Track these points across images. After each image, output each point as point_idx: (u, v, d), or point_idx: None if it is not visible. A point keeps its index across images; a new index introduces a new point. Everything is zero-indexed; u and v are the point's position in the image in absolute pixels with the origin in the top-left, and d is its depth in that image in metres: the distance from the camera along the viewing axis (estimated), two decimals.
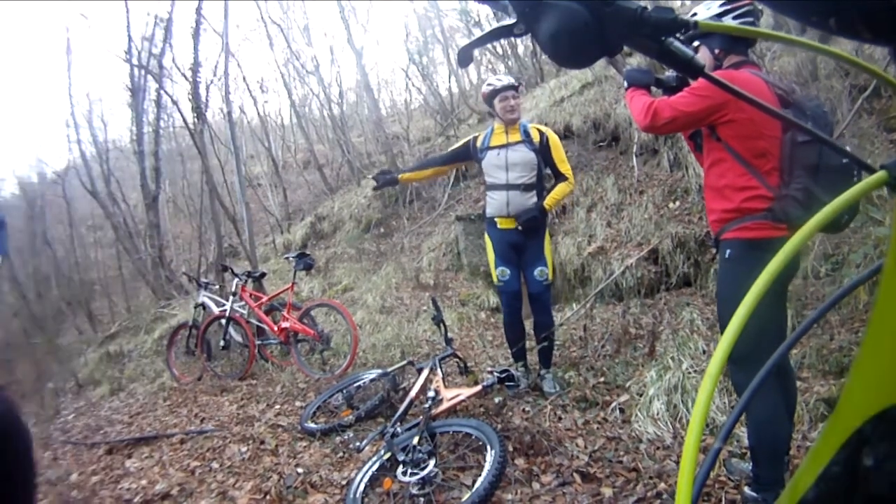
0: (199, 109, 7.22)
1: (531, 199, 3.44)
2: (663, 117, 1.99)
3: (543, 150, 3.46)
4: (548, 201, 3.42)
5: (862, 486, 0.38)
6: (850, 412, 0.42)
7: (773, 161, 1.88)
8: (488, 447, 2.48)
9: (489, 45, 13.91)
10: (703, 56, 2.06)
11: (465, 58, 0.82)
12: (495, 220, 3.52)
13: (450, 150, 3.87)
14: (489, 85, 3.52)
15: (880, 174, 0.57)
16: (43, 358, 8.83)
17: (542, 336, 3.56)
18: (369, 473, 2.63)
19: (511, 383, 3.05)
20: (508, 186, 3.43)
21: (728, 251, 1.96)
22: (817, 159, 1.78)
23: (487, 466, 2.37)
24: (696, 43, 2.05)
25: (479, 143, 3.60)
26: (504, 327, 3.81)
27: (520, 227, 3.43)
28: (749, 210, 1.90)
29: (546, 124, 7.99)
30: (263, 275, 6.23)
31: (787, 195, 1.81)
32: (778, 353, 0.64)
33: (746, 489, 2.02)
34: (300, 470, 2.99)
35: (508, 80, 3.48)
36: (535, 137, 3.46)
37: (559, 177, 3.49)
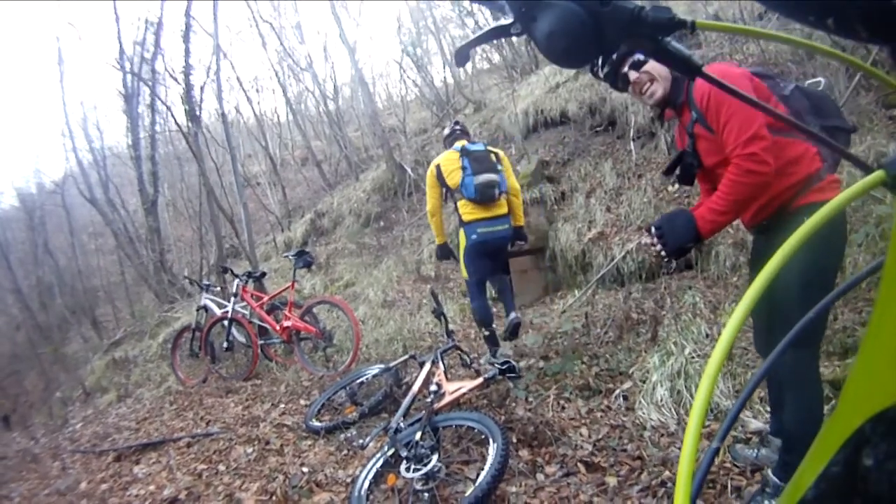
0: (192, 113, 7.19)
1: None
2: (763, 144, 1.68)
3: None
4: None
5: (862, 486, 0.38)
6: (850, 412, 0.42)
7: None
8: (491, 440, 2.47)
9: None
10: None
11: (461, 57, 0.82)
12: None
13: None
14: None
15: (878, 173, 0.56)
16: (49, 368, 8.90)
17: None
18: (373, 470, 2.63)
19: (513, 374, 3.04)
20: None
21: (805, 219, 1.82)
22: (805, 99, 1.77)
23: (490, 459, 2.36)
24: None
25: None
26: None
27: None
28: (814, 172, 1.77)
29: (542, 111, 7.97)
30: (264, 274, 6.23)
31: (821, 140, 1.76)
32: (783, 344, 0.63)
33: (770, 474, 1.93)
34: (305, 469, 2.99)
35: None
36: None
37: None
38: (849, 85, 4.61)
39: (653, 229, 1.80)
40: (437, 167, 4.01)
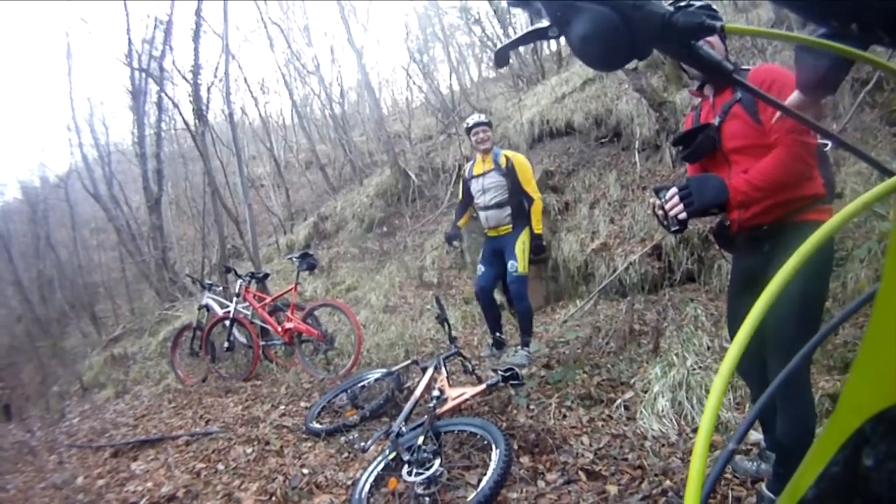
0: (199, 112, 7.22)
1: (505, 212, 4.16)
2: (816, 143, 1.73)
3: (511, 174, 4.12)
4: (535, 228, 4.10)
5: (862, 486, 0.39)
6: (850, 412, 0.43)
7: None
8: (493, 446, 2.47)
9: (491, 45, 13.90)
10: (716, 45, 1.90)
11: (502, 58, 0.82)
12: (485, 230, 4.34)
13: (460, 196, 4.56)
14: (465, 123, 4.37)
15: None
16: (48, 361, 8.88)
17: (519, 318, 4.25)
18: (374, 473, 2.63)
19: (516, 382, 3.05)
20: (486, 207, 4.22)
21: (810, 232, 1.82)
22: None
23: (492, 465, 2.36)
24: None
25: (466, 174, 4.42)
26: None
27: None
28: (820, 195, 1.80)
29: (547, 121, 7.99)
30: (267, 275, 6.24)
31: (825, 182, 1.80)
32: (793, 363, 0.64)
33: (764, 489, 1.94)
34: (305, 471, 2.99)
35: (479, 118, 4.26)
36: (503, 163, 4.15)
37: (527, 197, 4.12)
38: (853, 101, 4.65)
39: (674, 189, 1.74)
40: None
